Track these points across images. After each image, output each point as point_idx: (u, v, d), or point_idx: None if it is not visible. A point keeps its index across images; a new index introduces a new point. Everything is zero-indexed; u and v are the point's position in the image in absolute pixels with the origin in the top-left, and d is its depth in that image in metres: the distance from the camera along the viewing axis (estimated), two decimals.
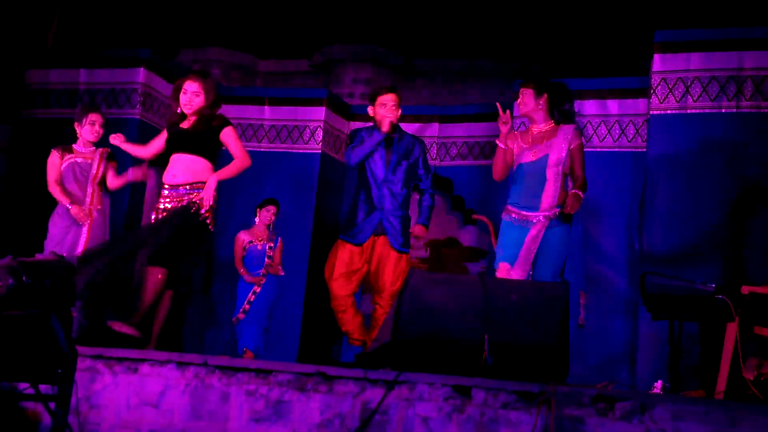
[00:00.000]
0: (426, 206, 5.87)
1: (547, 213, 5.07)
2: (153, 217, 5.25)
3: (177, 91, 5.32)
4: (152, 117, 7.54)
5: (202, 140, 5.24)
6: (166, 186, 5.24)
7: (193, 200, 5.13)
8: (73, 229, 5.92)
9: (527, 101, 5.26)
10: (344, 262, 5.69)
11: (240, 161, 5.32)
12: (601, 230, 6.81)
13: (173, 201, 5.17)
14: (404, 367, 3.58)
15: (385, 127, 5.64)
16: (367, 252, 5.70)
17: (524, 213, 5.12)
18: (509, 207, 5.19)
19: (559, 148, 5.12)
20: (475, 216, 7.35)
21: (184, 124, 5.29)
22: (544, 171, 5.13)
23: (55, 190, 5.97)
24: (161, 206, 5.21)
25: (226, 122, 5.32)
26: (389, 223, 5.67)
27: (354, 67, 10.59)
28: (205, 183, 5.16)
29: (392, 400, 3.47)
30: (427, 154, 5.92)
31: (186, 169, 5.21)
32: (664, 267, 5.77)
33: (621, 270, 6.89)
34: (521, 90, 5.31)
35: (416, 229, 5.79)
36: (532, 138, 5.23)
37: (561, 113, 5.26)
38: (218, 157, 5.35)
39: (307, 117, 8.05)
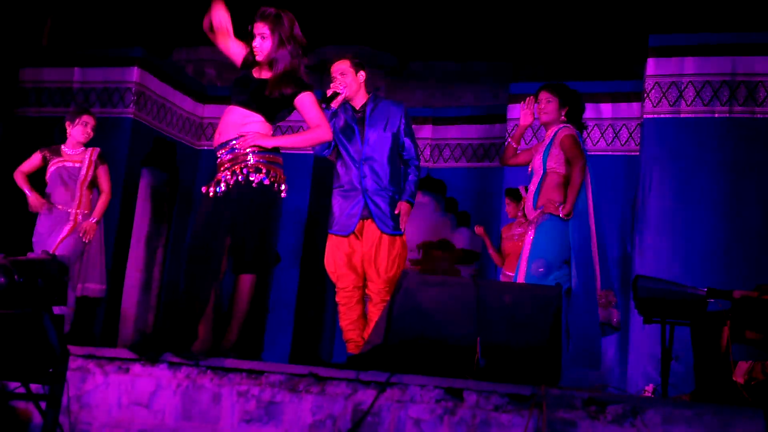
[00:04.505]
0: (411, 180, 5.20)
1: (531, 215, 5.07)
2: (209, 190, 4.25)
3: (250, 36, 4.34)
4: (145, 116, 7.54)
5: (264, 96, 4.29)
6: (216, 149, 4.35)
7: (257, 167, 4.21)
8: (56, 230, 5.90)
9: (550, 110, 5.09)
10: (345, 253, 5.14)
11: (314, 131, 4.36)
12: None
13: (221, 170, 4.26)
14: (396, 369, 3.58)
15: (333, 103, 5.10)
16: (360, 238, 5.15)
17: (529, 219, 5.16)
18: None
19: (542, 150, 5.11)
20: (477, 230, 7.24)
21: (255, 72, 4.38)
22: (532, 175, 5.16)
23: (18, 177, 6.04)
24: (215, 187, 4.25)
25: (302, 88, 4.32)
26: (375, 205, 5.09)
27: None
28: (261, 148, 4.25)
29: (384, 401, 3.46)
30: (411, 125, 5.31)
31: (232, 124, 4.29)
32: (657, 270, 5.80)
33: (613, 273, 6.91)
34: (545, 95, 5.10)
35: (399, 206, 5.14)
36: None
37: (577, 125, 5.15)
38: (280, 119, 4.50)
39: (301, 118, 8.03)
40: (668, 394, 4.59)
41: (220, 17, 4.35)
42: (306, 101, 4.34)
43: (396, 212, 5.15)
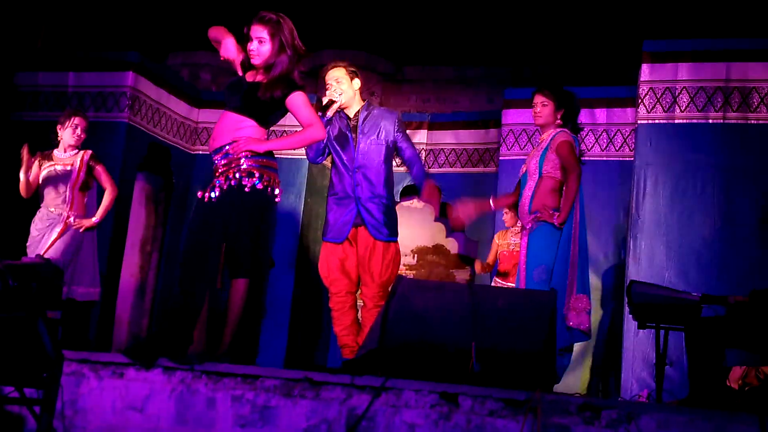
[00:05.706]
0: (419, 168, 5.21)
1: (527, 219, 5.07)
2: (205, 195, 4.24)
3: (246, 39, 4.32)
4: (140, 121, 7.53)
5: (257, 99, 4.26)
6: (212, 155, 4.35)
7: (250, 171, 4.20)
8: (47, 233, 5.88)
9: (546, 113, 5.10)
10: (339, 258, 5.12)
11: (306, 131, 4.33)
12: (588, 239, 6.83)
13: (216, 175, 4.26)
14: (391, 374, 3.58)
15: (329, 111, 5.10)
16: (354, 244, 5.14)
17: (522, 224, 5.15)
18: None
19: (538, 154, 5.10)
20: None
21: (249, 76, 4.38)
22: (527, 179, 5.15)
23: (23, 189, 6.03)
24: (209, 192, 4.24)
25: (293, 88, 4.28)
26: (367, 213, 5.07)
27: None
28: (253, 153, 4.22)
29: (379, 406, 3.46)
30: (405, 130, 5.28)
31: (226, 129, 4.28)
32: (651, 276, 5.80)
33: (608, 278, 6.92)
34: (540, 98, 5.10)
35: (426, 184, 5.15)
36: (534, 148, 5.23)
37: (572, 127, 5.16)
38: (273, 122, 4.45)
39: (296, 122, 8.03)
40: (663, 400, 4.59)
41: (229, 54, 4.39)
42: (297, 101, 4.30)
43: (425, 197, 5.20)
